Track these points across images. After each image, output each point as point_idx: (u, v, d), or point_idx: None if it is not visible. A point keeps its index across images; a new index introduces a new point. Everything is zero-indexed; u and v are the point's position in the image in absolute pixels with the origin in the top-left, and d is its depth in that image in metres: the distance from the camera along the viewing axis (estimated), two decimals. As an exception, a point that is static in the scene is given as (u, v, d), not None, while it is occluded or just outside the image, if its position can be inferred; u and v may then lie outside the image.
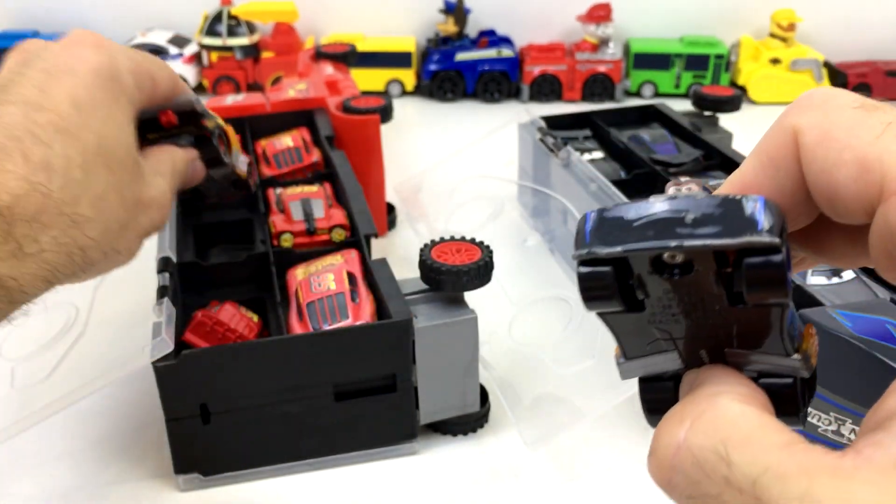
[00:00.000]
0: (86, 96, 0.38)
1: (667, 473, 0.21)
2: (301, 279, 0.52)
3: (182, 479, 0.48)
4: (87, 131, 0.37)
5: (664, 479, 0.21)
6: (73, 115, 0.37)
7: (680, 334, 0.23)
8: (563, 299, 0.60)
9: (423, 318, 0.48)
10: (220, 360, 0.46)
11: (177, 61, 1.13)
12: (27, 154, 0.35)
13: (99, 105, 0.38)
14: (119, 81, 0.40)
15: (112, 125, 0.38)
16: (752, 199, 0.20)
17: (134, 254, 0.42)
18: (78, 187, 0.36)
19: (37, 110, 0.36)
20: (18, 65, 0.39)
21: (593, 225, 0.21)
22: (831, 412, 0.45)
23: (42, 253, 0.35)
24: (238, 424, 0.47)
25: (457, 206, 0.71)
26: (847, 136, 0.21)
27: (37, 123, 0.35)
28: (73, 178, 0.36)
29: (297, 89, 0.78)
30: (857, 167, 0.20)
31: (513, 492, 0.49)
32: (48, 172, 0.35)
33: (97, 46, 0.40)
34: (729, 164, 0.68)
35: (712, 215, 0.20)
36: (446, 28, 1.14)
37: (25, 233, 0.34)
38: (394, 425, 0.50)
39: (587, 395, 0.53)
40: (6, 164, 0.34)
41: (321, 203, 0.60)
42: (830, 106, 0.22)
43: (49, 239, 0.35)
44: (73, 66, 0.38)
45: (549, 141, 0.70)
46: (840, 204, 0.21)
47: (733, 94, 0.77)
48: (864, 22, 1.19)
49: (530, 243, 0.73)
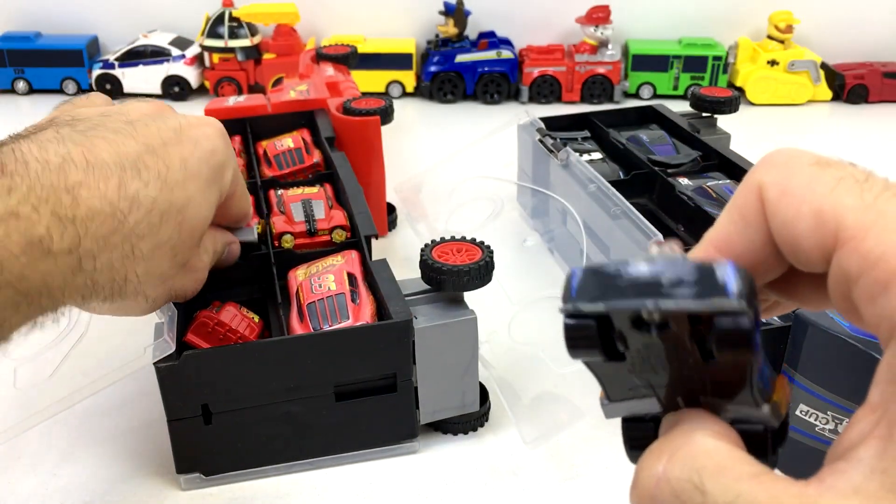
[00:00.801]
0: (195, 165, 0.43)
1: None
2: (302, 280, 0.53)
3: (184, 478, 0.48)
4: (180, 190, 0.41)
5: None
6: (177, 172, 0.41)
7: (659, 383, 0.25)
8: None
9: (423, 319, 0.48)
10: (221, 361, 0.46)
11: (178, 63, 1.14)
12: (123, 182, 0.38)
13: (200, 177, 0.43)
14: (222, 171, 0.45)
15: (200, 198, 0.43)
16: (722, 265, 0.21)
17: (152, 308, 0.46)
18: (148, 228, 0.39)
19: (151, 154, 0.40)
20: (153, 115, 0.43)
21: (579, 281, 0.23)
22: (829, 411, 0.45)
23: (94, 272, 0.37)
24: (239, 424, 0.48)
25: (457, 207, 0.71)
26: (804, 191, 0.22)
27: (146, 165, 0.40)
28: (148, 220, 0.39)
29: (297, 90, 0.79)
30: (813, 219, 0.22)
31: (512, 490, 0.49)
32: (132, 204, 0.38)
33: (223, 136, 0.46)
34: (727, 164, 0.69)
35: (686, 279, 0.22)
36: (446, 30, 1.14)
37: (90, 248, 0.36)
38: (394, 425, 0.50)
39: (586, 393, 0.53)
40: (101, 183, 0.37)
41: (322, 204, 0.60)
42: (791, 164, 0.23)
43: (105, 260, 0.37)
44: (198, 138, 0.44)
45: (549, 142, 0.70)
46: (802, 254, 0.23)
47: (731, 96, 0.77)
48: (861, 24, 1.19)
49: (530, 243, 0.73)
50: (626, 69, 1.16)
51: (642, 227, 0.55)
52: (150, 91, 1.15)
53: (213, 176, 0.44)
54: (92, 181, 0.37)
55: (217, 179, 0.45)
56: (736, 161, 0.68)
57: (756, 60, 1.14)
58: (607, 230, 0.60)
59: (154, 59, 1.14)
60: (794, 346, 0.46)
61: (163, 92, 1.15)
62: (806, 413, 0.46)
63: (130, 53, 1.14)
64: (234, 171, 0.47)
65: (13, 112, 1.13)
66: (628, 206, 0.57)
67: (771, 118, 1.10)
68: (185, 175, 0.41)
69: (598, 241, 0.61)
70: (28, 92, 1.17)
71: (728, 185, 0.65)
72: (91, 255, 0.37)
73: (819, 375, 0.45)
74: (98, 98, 0.47)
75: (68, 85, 1.16)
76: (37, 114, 1.17)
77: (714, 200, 0.63)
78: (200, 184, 0.43)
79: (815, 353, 0.45)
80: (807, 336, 0.45)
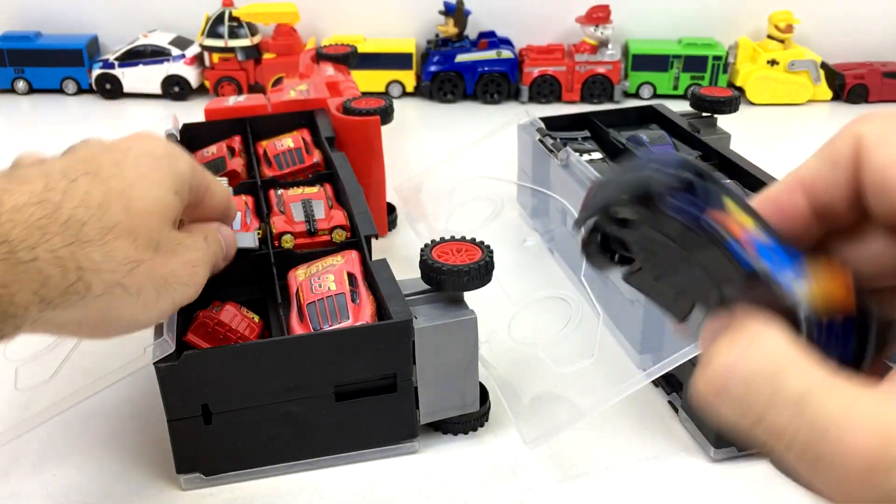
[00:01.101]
0: (131, 160, 0.42)
1: (716, 391, 0.24)
2: (302, 280, 0.53)
3: (184, 478, 0.48)
4: (116, 180, 0.40)
5: (713, 395, 0.24)
6: (108, 168, 0.40)
7: (685, 284, 0.26)
8: (562, 299, 0.61)
9: (423, 319, 0.48)
10: (221, 361, 0.46)
11: (178, 63, 1.14)
12: (48, 184, 0.37)
13: (139, 166, 0.42)
14: (167, 161, 0.43)
15: (144, 182, 0.41)
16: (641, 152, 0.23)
17: (151, 308, 0.42)
18: (88, 213, 0.38)
19: (79, 162, 0.40)
20: (88, 143, 0.43)
21: (585, 200, 0.26)
22: None
23: (35, 261, 0.35)
24: (239, 424, 0.48)
25: (457, 207, 0.71)
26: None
27: (73, 168, 0.39)
28: (86, 205, 0.38)
29: (297, 90, 0.79)
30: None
31: (512, 490, 0.49)
32: (63, 195, 0.37)
33: (160, 140, 0.45)
34: (727, 164, 0.69)
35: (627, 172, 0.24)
36: (446, 30, 1.14)
37: (22, 237, 0.35)
38: (394, 425, 0.50)
39: (586, 393, 0.53)
40: (25, 186, 0.37)
41: (322, 204, 0.61)
42: (891, 118, 0.25)
43: (46, 248, 0.36)
44: (129, 146, 0.43)
45: (549, 142, 0.70)
46: (890, 196, 0.24)
47: (731, 96, 0.77)
48: (861, 23, 1.19)
49: (530, 243, 0.73)
50: (626, 69, 1.16)
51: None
52: (150, 91, 1.15)
53: (156, 164, 0.43)
54: (16, 186, 0.36)
55: (162, 168, 0.43)
56: (736, 161, 0.68)
57: (756, 60, 1.14)
58: None
59: (154, 59, 1.14)
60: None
61: (163, 92, 1.15)
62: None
63: (130, 53, 1.14)
64: (190, 163, 0.45)
65: (13, 112, 1.13)
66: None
67: (771, 118, 1.10)
68: (119, 169, 0.40)
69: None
70: (28, 92, 1.17)
71: (730, 185, 0.65)
72: (27, 246, 0.35)
73: None
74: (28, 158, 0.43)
75: (68, 85, 1.16)
76: (37, 113, 1.17)
77: None
78: (141, 171, 0.41)
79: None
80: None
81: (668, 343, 0.54)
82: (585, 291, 0.59)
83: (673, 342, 0.53)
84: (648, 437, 0.53)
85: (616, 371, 0.57)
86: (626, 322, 0.58)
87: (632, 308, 0.57)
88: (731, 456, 0.51)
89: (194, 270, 0.44)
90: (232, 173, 0.68)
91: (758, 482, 0.49)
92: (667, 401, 0.55)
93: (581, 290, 0.61)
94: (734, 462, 0.51)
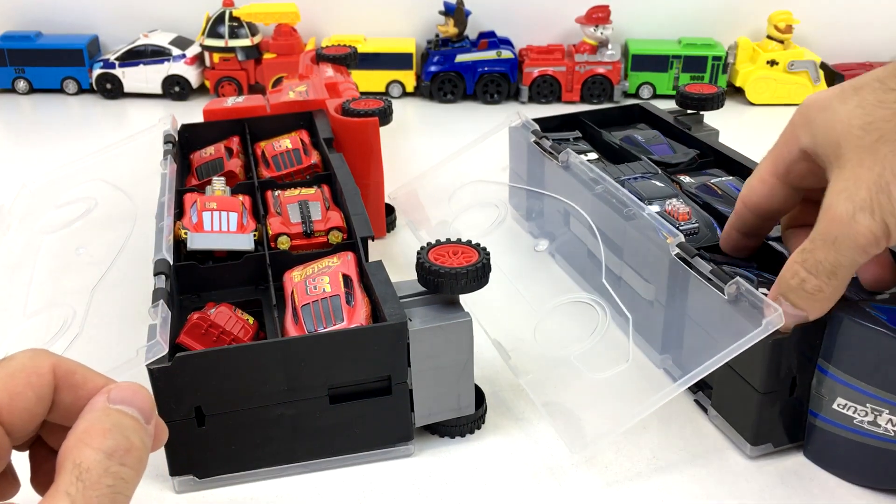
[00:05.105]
0: None
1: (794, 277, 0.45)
2: (297, 281, 0.53)
3: (177, 481, 0.48)
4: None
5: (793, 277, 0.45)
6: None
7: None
8: (587, 303, 0.60)
9: (418, 321, 0.48)
10: (214, 363, 0.46)
11: (179, 63, 1.14)
12: None
13: None
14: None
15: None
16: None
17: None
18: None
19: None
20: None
21: None
22: (867, 403, 0.46)
23: None
24: (233, 427, 0.47)
25: (456, 210, 0.71)
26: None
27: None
28: None
29: (296, 91, 0.78)
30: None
31: (510, 492, 0.49)
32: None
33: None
34: (724, 160, 0.69)
35: None
36: (446, 30, 1.14)
37: None
38: (389, 427, 0.50)
39: (626, 398, 0.52)
40: None
41: (319, 205, 0.60)
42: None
43: None
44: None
45: (547, 144, 0.70)
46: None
47: (716, 92, 0.77)
48: (860, 24, 1.19)
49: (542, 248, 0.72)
50: (626, 69, 1.15)
51: (660, 226, 0.55)
52: (150, 91, 1.15)
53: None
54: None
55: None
56: (732, 157, 0.68)
57: (756, 60, 1.14)
58: (620, 231, 0.59)
59: (154, 59, 1.14)
60: (830, 340, 0.47)
61: (163, 92, 1.15)
62: (844, 406, 0.47)
63: (131, 53, 1.14)
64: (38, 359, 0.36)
65: (13, 112, 1.13)
66: (642, 206, 0.57)
67: (771, 118, 1.09)
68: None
69: (608, 243, 0.61)
70: (28, 91, 1.17)
71: (732, 181, 0.65)
72: None
73: (855, 368, 0.46)
74: None
75: (69, 84, 1.17)
76: (37, 113, 1.17)
77: (720, 197, 0.63)
78: None
79: (850, 347, 0.46)
80: (841, 329, 0.46)
81: (688, 342, 0.54)
82: (608, 294, 0.59)
83: (693, 341, 0.53)
84: (680, 437, 0.52)
85: (647, 374, 0.57)
86: (645, 322, 0.58)
87: (651, 309, 0.57)
88: (768, 452, 0.50)
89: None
90: (230, 174, 0.68)
91: (798, 476, 0.49)
92: (693, 399, 0.55)
93: (601, 293, 0.60)
94: (771, 458, 0.50)
